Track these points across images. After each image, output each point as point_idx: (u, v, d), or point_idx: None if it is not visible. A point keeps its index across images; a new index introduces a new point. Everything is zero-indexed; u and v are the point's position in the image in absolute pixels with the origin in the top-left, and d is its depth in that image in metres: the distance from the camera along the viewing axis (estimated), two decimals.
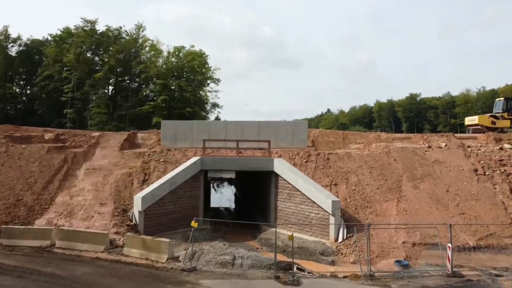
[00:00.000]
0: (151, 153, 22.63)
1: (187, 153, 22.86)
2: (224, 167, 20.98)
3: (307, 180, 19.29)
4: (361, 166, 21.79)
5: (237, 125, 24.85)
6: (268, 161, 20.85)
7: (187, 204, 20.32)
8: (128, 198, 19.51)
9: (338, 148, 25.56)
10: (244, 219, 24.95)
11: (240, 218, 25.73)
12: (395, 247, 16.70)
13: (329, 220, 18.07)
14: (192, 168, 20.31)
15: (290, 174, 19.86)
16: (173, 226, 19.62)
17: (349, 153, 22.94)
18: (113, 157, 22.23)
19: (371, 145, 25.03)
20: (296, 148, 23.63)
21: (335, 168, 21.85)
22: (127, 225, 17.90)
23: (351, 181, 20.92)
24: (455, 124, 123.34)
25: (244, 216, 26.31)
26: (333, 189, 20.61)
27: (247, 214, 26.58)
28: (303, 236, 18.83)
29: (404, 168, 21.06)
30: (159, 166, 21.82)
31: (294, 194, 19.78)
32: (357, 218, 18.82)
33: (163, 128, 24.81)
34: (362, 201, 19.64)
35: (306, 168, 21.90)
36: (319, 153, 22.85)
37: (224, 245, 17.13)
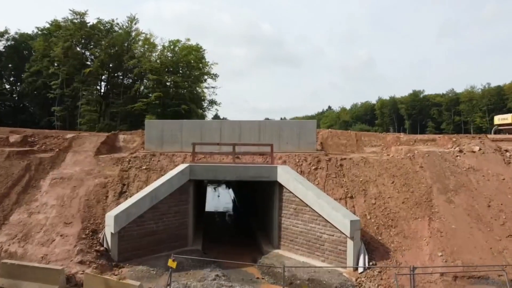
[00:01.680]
0: (132, 159, 19.13)
1: (174, 158, 19.36)
2: (217, 177, 17.51)
3: (318, 194, 15.80)
4: (381, 175, 18.29)
5: (234, 125, 21.33)
6: (270, 169, 17.36)
7: (172, 222, 16.84)
8: (100, 215, 16.02)
9: (351, 152, 22.07)
10: (242, 235, 21.57)
11: (238, 233, 22.38)
12: (431, 280, 13.24)
13: (346, 244, 14.61)
14: (178, 178, 16.82)
15: (297, 185, 16.38)
16: (156, 249, 16.15)
17: (366, 158, 19.45)
18: (86, 164, 18.72)
19: (390, 149, 21.53)
20: (303, 153, 20.14)
21: (350, 176, 18.37)
22: (96, 251, 14.42)
23: (370, 193, 17.44)
24: (459, 122, 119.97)
25: (242, 230, 22.95)
26: (348, 202, 17.13)
27: (245, 227, 23.17)
28: (314, 262, 15.37)
29: (433, 177, 17.56)
30: (141, 174, 18.32)
31: (302, 210, 16.31)
32: (380, 240, 15.35)
33: (147, 128, 21.27)
34: (385, 219, 16.16)
35: (315, 177, 18.40)
36: (330, 159, 19.36)
37: (215, 279, 13.65)
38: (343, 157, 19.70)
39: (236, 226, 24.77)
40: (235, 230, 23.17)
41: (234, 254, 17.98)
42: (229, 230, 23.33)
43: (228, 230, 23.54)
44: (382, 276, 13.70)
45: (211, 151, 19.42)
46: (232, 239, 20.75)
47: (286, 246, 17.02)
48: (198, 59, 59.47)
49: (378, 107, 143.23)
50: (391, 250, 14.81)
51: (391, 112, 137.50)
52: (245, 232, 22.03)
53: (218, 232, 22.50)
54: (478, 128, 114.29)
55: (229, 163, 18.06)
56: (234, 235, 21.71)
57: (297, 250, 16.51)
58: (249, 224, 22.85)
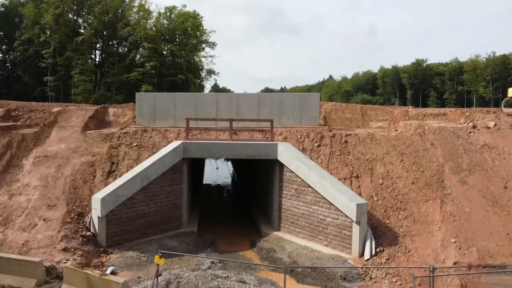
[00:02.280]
0: (122, 135, 17.84)
1: (167, 134, 18.08)
2: (213, 155, 16.28)
3: (322, 174, 14.62)
4: (388, 152, 17.06)
5: (231, 99, 19.91)
6: (270, 147, 16.11)
7: (165, 203, 15.76)
8: (87, 196, 14.90)
9: (356, 127, 20.76)
10: (241, 214, 20.50)
11: (236, 211, 21.34)
12: (443, 270, 12.25)
13: (351, 229, 13.55)
14: (171, 156, 15.60)
15: (299, 164, 15.17)
16: (147, 233, 15.15)
17: (372, 134, 18.16)
18: (72, 141, 17.46)
19: (398, 124, 20.20)
20: (305, 128, 18.83)
21: (355, 154, 17.14)
22: (82, 237, 13.38)
23: (377, 172, 16.26)
24: (462, 92, 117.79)
25: (240, 208, 21.94)
26: (354, 183, 15.98)
27: (244, 206, 22.17)
28: (317, 247, 14.38)
29: (445, 155, 16.34)
30: (131, 152, 17.08)
31: (304, 191, 15.18)
32: (388, 224, 14.29)
33: (138, 102, 19.85)
34: (394, 201, 15.05)
35: (318, 155, 17.19)
36: (334, 135, 18.07)
37: (210, 268, 12.65)
38: (348, 133, 18.40)
39: (234, 203, 23.80)
40: (233, 209, 22.19)
41: (231, 236, 17.06)
42: (227, 208, 22.34)
43: (226, 208, 22.55)
44: (390, 263, 12.71)
45: (207, 127, 18.11)
46: (230, 218, 19.79)
47: (287, 229, 16.01)
48: (195, 26, 57.06)
49: (380, 77, 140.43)
50: (400, 235, 13.76)
51: (393, 81, 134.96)
52: (244, 211, 21.06)
53: (216, 210, 21.52)
54: (481, 98, 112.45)
55: (225, 140, 16.79)
56: (232, 214, 20.74)
57: (298, 233, 15.50)
58: (247, 203, 21.85)
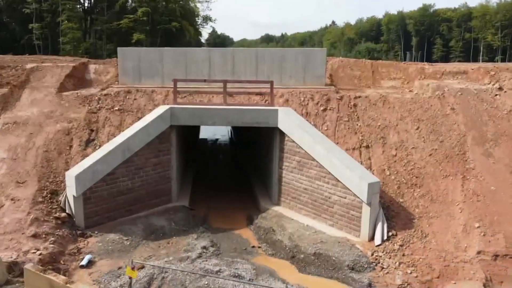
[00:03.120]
0: (102, 98, 15.79)
1: (154, 96, 16.04)
2: (205, 122, 14.34)
3: (329, 147, 12.79)
4: (403, 118, 15.15)
5: (226, 55, 17.59)
6: (269, 113, 14.16)
7: (152, 176, 14.09)
8: (62, 170, 13.18)
9: (366, 87, 18.65)
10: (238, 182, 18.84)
11: (232, 179, 19.63)
12: (465, 260, 10.79)
13: (361, 210, 11.96)
14: (156, 124, 13.71)
15: (303, 134, 13.32)
16: (132, 209, 13.61)
17: (385, 96, 16.14)
18: (46, 104, 15.45)
19: (413, 83, 18.09)
20: (309, 88, 16.76)
21: (365, 120, 15.23)
22: (56, 219, 11.81)
23: (389, 142, 14.45)
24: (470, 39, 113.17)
25: (238, 175, 20.30)
26: (363, 154, 14.22)
27: (241, 172, 20.53)
28: (321, 227, 12.89)
29: (467, 122, 14.45)
30: (113, 117, 15.14)
31: (308, 164, 13.45)
32: (402, 204, 12.70)
33: (121, 58, 17.52)
34: (408, 176, 13.36)
35: (323, 121, 15.28)
36: (342, 97, 16.05)
37: (201, 255, 11.18)
38: (358, 94, 16.36)
39: (231, 169, 22.07)
40: (230, 175, 20.52)
41: (227, 210, 15.58)
42: (223, 175, 20.67)
43: (222, 174, 20.87)
44: (404, 251, 11.25)
45: (197, 90, 16.01)
46: (226, 187, 18.21)
47: (287, 204, 14.48)
48: None
49: (385, 23, 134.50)
50: (415, 216, 12.21)
51: (398, 28, 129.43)
52: (241, 179, 19.42)
53: (211, 177, 19.88)
54: (488, 46, 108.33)
55: (219, 105, 14.79)
56: (229, 182, 19.13)
57: (300, 210, 13.98)
58: (245, 170, 20.20)
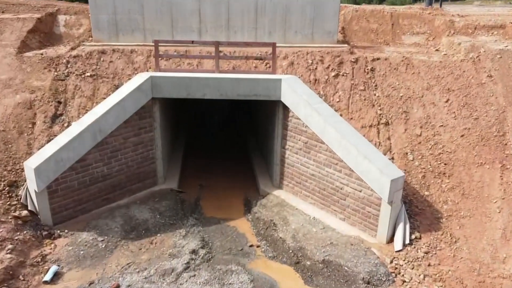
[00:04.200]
0: (72, 60, 13.23)
1: (134, 57, 13.47)
2: (193, 93, 11.94)
3: (343, 130, 10.53)
4: (430, 88, 12.74)
5: (220, 5, 14.63)
6: (270, 83, 11.73)
7: (132, 158, 12.01)
8: (24, 155, 11.07)
9: (384, 43, 15.94)
10: (236, 155, 16.70)
11: (230, 151, 17.25)
12: (504, 275, 9.04)
13: (379, 208, 10.03)
14: (134, 98, 11.36)
15: (311, 112, 11.02)
16: (111, 198, 11.70)
17: (408, 59, 13.57)
18: (4, 69, 12.91)
19: (440, 39, 15.37)
20: (318, 47, 14.14)
21: (385, 89, 12.83)
22: (15, 218, 9.92)
23: (413, 118, 12.18)
24: None
25: (236, 147, 17.95)
26: (382, 132, 12.01)
27: (240, 144, 18.22)
28: (330, 221, 11.06)
29: (508, 94, 12.08)
30: (85, 86, 12.71)
31: (316, 147, 11.31)
32: (427, 198, 10.73)
33: (93, 8, 14.52)
34: (435, 162, 11.27)
35: (335, 90, 12.87)
36: (357, 59, 13.49)
37: (188, 265, 9.40)
38: (376, 55, 13.78)
39: (228, 142, 19.02)
40: (227, 149, 17.98)
41: (221, 193, 13.66)
42: (219, 147, 18.10)
43: (218, 146, 18.26)
44: (429, 259, 9.47)
45: (187, 47, 13.37)
46: (222, 162, 16.06)
47: (291, 188, 12.54)
48: None
49: None
50: (443, 215, 10.30)
51: None
52: (239, 152, 17.17)
53: (205, 150, 17.46)
54: None
55: (209, 73, 12.28)
56: (225, 155, 16.89)
57: (305, 197, 12.07)
58: (245, 141, 17.91)
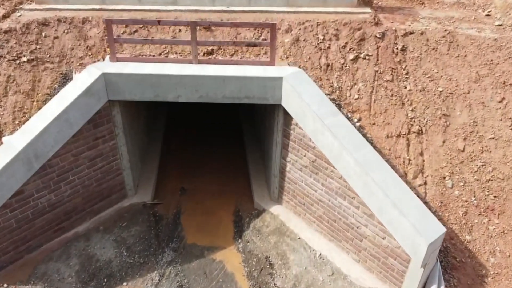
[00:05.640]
0: (2, 37, 9.88)
1: (87, 30, 10.10)
2: (163, 95, 8.80)
3: (367, 162, 7.65)
4: (480, 78, 9.60)
5: None
6: (268, 83, 8.62)
7: (89, 176, 9.37)
8: None
9: (418, 2, 12.24)
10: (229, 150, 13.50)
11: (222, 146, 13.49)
12: None
13: (407, 264, 7.63)
14: (81, 105, 8.38)
15: (322, 130, 8.08)
16: (65, 227, 9.31)
17: (452, 34, 10.19)
18: None
19: (494, 2, 11.73)
20: (332, 14, 10.67)
21: (419, 79, 9.70)
22: None
23: (455, 124, 9.25)
24: None
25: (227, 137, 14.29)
26: (413, 145, 9.15)
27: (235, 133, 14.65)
28: (341, 261, 8.80)
29: None
30: (21, 77, 9.54)
31: (326, 170, 8.60)
32: (469, 245, 8.24)
33: None
34: (482, 192, 8.59)
35: (353, 80, 9.73)
36: (383, 34, 10.14)
37: None
38: (408, 28, 10.37)
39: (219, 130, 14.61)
40: (218, 136, 14.17)
41: (208, 205, 11.18)
42: (208, 140, 14.02)
43: (207, 139, 14.07)
44: None
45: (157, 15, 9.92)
46: (211, 154, 13.05)
47: (292, 206, 10.08)
48: None
49: None
50: (489, 272, 7.92)
51: None
52: (233, 141, 13.97)
53: (191, 146, 13.52)
54: None
55: (185, 66, 9.04)
56: (215, 145, 13.62)
57: (311, 222, 9.65)
58: (240, 129, 14.39)
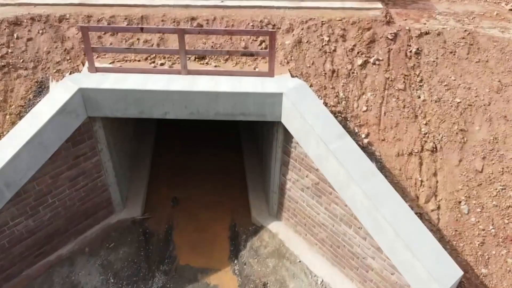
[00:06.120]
0: None
1: (65, 31, 9.00)
2: (148, 112, 7.73)
3: (378, 195, 6.84)
4: (502, 88, 8.59)
5: None
6: (266, 99, 7.64)
7: (71, 196, 8.57)
8: None
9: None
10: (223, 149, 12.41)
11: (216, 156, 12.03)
12: None
13: None
14: (57, 125, 7.43)
15: (327, 155, 7.18)
16: (47, 251, 8.63)
17: (472, 35, 9.11)
18: None
19: None
20: (339, 10, 9.55)
21: (434, 87, 8.73)
22: None
23: (473, 140, 8.34)
24: None
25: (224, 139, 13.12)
26: (426, 164, 8.28)
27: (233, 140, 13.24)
28: (344, 285, 8.19)
29: None
30: None
31: (331, 195, 7.79)
32: (484, 278, 7.56)
33: None
34: (501, 219, 7.79)
35: (361, 89, 8.75)
36: (396, 35, 9.07)
37: None
38: (424, 27, 9.29)
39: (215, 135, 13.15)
40: (214, 138, 12.95)
41: (203, 210, 10.51)
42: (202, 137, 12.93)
43: (201, 135, 12.99)
44: None
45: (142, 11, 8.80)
46: (206, 158, 12.10)
47: (293, 225, 9.37)
48: None
49: None
50: None
51: None
52: (230, 144, 12.84)
53: (185, 151, 12.31)
54: None
55: (173, 78, 8.02)
56: (210, 148, 12.62)
57: (312, 244, 8.96)
58: (238, 135, 12.87)
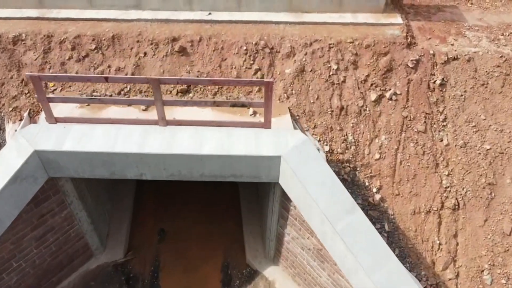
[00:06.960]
0: None
1: (21, 55, 7.47)
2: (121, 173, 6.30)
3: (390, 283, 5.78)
4: None
5: None
6: (262, 163, 6.28)
7: (40, 254, 7.57)
8: None
9: (463, 5, 9.20)
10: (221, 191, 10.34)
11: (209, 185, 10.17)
12: None
13: None
14: (11, 194, 6.17)
15: (333, 236, 5.96)
16: None
17: (509, 60, 7.61)
18: None
19: None
20: (350, 27, 7.94)
21: (460, 129, 7.38)
22: None
23: (501, 196, 7.12)
24: None
25: None
26: (445, 226, 7.12)
27: None
28: None
29: None
30: None
31: (336, 266, 6.77)
32: None
33: None
34: None
35: (374, 131, 7.40)
36: (418, 60, 7.56)
37: None
38: (451, 50, 7.74)
39: None
40: None
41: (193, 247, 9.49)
42: None
43: None
44: None
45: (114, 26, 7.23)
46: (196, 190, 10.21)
47: (291, 275, 8.46)
48: None
49: None
50: None
51: None
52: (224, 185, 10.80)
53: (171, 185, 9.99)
54: None
55: (148, 134, 6.62)
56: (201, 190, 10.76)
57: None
58: None
